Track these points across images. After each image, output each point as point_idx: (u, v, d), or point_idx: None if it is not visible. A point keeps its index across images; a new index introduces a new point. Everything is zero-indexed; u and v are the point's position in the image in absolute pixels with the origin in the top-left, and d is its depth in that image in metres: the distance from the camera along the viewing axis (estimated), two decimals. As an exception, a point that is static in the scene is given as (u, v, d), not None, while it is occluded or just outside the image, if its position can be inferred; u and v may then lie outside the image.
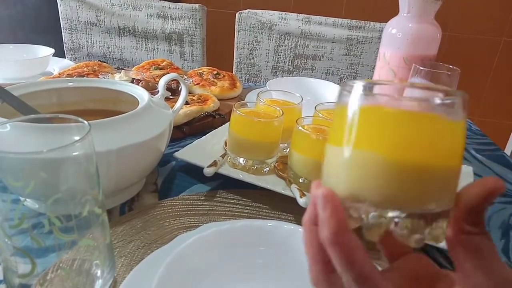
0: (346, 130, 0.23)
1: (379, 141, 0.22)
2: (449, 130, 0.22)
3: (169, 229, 0.49)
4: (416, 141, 0.21)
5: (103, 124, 0.45)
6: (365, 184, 0.22)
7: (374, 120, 0.22)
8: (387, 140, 0.22)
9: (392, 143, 0.22)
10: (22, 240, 0.32)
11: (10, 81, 0.88)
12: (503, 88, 2.07)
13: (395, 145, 0.21)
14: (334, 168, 0.23)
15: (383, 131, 0.22)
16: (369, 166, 0.22)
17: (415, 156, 0.21)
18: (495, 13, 1.93)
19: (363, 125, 0.22)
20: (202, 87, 0.93)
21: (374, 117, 0.22)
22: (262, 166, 0.60)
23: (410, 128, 0.22)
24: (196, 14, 1.32)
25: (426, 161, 0.21)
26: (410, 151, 0.21)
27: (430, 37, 0.75)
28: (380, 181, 0.21)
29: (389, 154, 0.21)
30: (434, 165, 0.22)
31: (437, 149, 0.22)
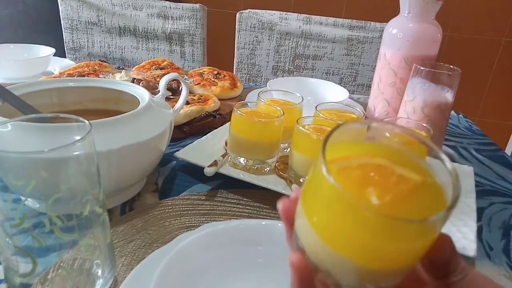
0: (310, 202, 0.21)
1: (334, 237, 0.20)
2: (415, 240, 0.20)
3: (169, 229, 0.49)
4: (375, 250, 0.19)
5: (104, 123, 0.45)
6: (326, 264, 0.21)
7: (332, 210, 0.20)
8: (341, 237, 0.20)
9: (349, 243, 0.20)
10: (23, 239, 0.32)
11: (11, 80, 0.88)
12: (503, 88, 2.07)
13: (350, 246, 0.20)
14: (302, 233, 0.22)
15: (338, 227, 0.20)
16: (325, 253, 0.21)
17: (369, 261, 0.20)
18: (495, 13, 1.93)
19: (322, 210, 0.20)
20: (203, 87, 0.93)
21: (332, 206, 0.20)
22: (263, 166, 0.60)
23: (367, 231, 0.19)
24: (197, 14, 1.32)
25: (382, 266, 0.20)
26: (364, 255, 0.20)
27: (430, 37, 0.75)
28: (346, 273, 0.21)
29: (343, 252, 0.20)
30: (391, 269, 0.21)
31: (400, 260, 0.20)
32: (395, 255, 0.20)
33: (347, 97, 0.87)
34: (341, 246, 0.20)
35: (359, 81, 1.32)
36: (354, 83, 1.33)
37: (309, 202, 0.22)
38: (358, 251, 0.20)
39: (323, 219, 0.21)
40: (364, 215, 0.18)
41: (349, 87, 1.32)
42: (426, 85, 0.66)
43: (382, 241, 0.19)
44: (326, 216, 0.20)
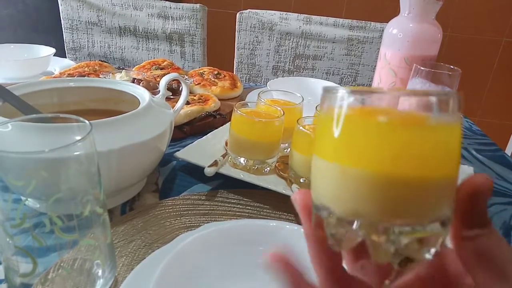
0: (331, 143, 0.21)
1: (369, 157, 0.20)
2: (444, 136, 0.20)
3: (170, 229, 0.49)
4: (409, 153, 0.19)
5: (104, 123, 0.45)
6: (361, 202, 0.20)
7: (361, 133, 0.20)
8: (377, 155, 0.20)
9: (382, 158, 0.19)
10: (24, 239, 0.32)
11: (11, 80, 0.88)
12: (504, 88, 2.07)
13: (387, 160, 0.19)
14: (327, 183, 0.21)
15: (370, 145, 0.20)
16: (361, 184, 0.20)
17: (412, 169, 0.19)
18: (495, 13, 1.93)
19: (349, 138, 0.20)
20: (203, 87, 0.93)
21: (360, 129, 0.20)
22: (263, 166, 0.60)
23: (400, 140, 0.19)
24: (197, 14, 1.32)
25: (423, 173, 0.19)
26: (404, 164, 0.19)
27: (431, 38, 0.75)
28: (378, 197, 0.19)
29: (381, 170, 0.19)
30: (432, 176, 0.20)
31: (433, 159, 0.20)
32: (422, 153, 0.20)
33: (347, 97, 0.86)
34: (369, 161, 0.20)
35: (359, 81, 1.32)
36: (354, 83, 1.33)
37: (327, 145, 0.21)
38: (387, 159, 0.19)
39: (345, 145, 0.20)
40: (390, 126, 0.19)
41: (349, 87, 1.32)
42: (426, 85, 0.66)
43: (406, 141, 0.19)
44: (350, 140, 0.20)
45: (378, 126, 0.20)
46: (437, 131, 0.20)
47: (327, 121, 0.21)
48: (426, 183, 0.20)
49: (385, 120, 0.20)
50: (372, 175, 0.19)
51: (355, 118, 0.20)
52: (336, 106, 0.21)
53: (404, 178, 0.19)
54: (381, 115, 0.20)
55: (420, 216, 0.20)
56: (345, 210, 0.20)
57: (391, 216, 0.19)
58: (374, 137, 0.20)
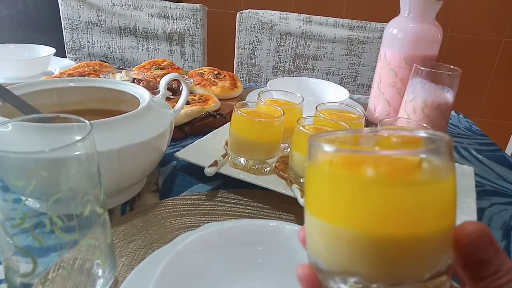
0: (316, 199, 0.20)
1: (354, 215, 0.18)
2: (437, 189, 0.19)
3: (170, 229, 0.49)
4: (399, 211, 0.18)
5: (105, 123, 0.45)
6: (354, 261, 0.19)
7: (345, 190, 0.19)
8: (363, 213, 0.18)
9: (369, 216, 0.18)
10: (24, 239, 0.32)
11: (11, 80, 0.88)
12: (504, 88, 2.07)
13: (374, 219, 0.18)
14: (318, 240, 0.20)
15: (355, 203, 0.18)
16: (350, 243, 0.18)
17: (403, 227, 0.18)
18: (495, 13, 1.93)
19: (333, 195, 0.19)
20: (203, 87, 0.93)
21: (344, 186, 0.19)
22: (263, 166, 0.60)
23: (388, 197, 0.18)
24: (197, 14, 1.32)
25: (416, 230, 0.18)
26: (394, 223, 0.18)
27: (431, 38, 0.75)
28: (369, 258, 0.18)
29: (369, 229, 0.18)
30: (425, 234, 0.18)
31: (427, 214, 0.18)
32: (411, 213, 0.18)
33: (347, 97, 0.87)
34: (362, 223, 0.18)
35: (359, 81, 1.32)
36: (354, 83, 1.33)
37: (314, 201, 0.20)
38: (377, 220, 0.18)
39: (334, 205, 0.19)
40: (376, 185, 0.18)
41: (349, 87, 1.32)
42: (426, 85, 0.66)
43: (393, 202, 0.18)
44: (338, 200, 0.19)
45: (363, 184, 0.18)
46: (429, 185, 0.19)
47: (312, 174, 0.20)
48: (420, 240, 0.18)
49: (370, 177, 0.18)
50: (360, 235, 0.18)
51: (338, 173, 0.19)
52: (318, 160, 0.19)
53: (396, 237, 0.18)
54: (367, 170, 0.18)
55: (418, 273, 0.18)
56: (337, 267, 0.19)
57: (385, 275, 0.18)
58: (359, 195, 0.18)
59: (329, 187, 0.19)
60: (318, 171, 0.20)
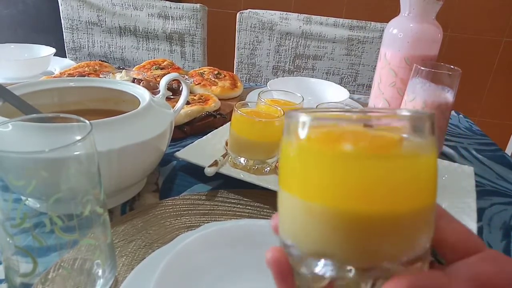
0: (292, 173, 0.19)
1: (331, 191, 0.17)
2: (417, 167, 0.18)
3: (170, 229, 0.49)
4: (378, 187, 0.17)
5: (105, 123, 0.45)
6: (326, 242, 0.17)
7: (322, 164, 0.17)
8: (341, 189, 0.17)
9: (346, 192, 0.17)
10: (24, 239, 0.32)
11: (11, 80, 0.88)
12: (504, 88, 2.07)
13: (352, 195, 0.17)
14: (290, 219, 0.19)
15: (332, 178, 0.17)
16: (325, 221, 0.17)
17: (382, 205, 0.17)
18: (496, 13, 1.93)
19: (309, 169, 0.18)
20: (203, 87, 0.93)
21: (321, 160, 0.18)
22: (263, 166, 0.60)
23: (367, 172, 0.17)
24: (197, 14, 1.32)
25: (392, 209, 0.17)
26: (373, 200, 0.17)
27: (431, 38, 0.75)
28: (343, 237, 0.17)
29: (346, 206, 0.17)
30: (403, 211, 0.17)
31: (403, 193, 0.17)
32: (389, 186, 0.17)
33: (348, 97, 0.87)
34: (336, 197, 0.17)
35: (359, 81, 1.32)
36: (354, 83, 1.33)
37: (289, 176, 0.19)
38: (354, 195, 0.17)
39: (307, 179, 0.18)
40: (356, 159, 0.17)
41: (349, 87, 1.32)
42: (426, 85, 0.66)
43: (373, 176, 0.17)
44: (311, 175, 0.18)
45: (341, 156, 0.17)
46: (408, 159, 0.18)
47: (287, 149, 0.19)
48: (398, 219, 0.17)
49: (348, 150, 0.17)
50: (335, 211, 0.17)
51: (314, 146, 0.18)
52: (294, 132, 0.18)
53: (373, 214, 0.17)
54: (344, 144, 0.17)
55: (394, 256, 0.17)
56: (309, 249, 0.18)
57: (360, 257, 0.17)
58: (336, 169, 0.17)
59: (303, 160, 0.18)
60: (292, 144, 0.19)
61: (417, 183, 0.18)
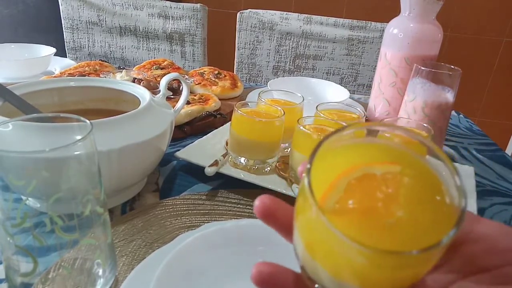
0: (299, 227, 0.20)
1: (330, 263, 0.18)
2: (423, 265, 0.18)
3: (170, 229, 0.49)
4: (372, 277, 0.18)
5: (105, 123, 0.45)
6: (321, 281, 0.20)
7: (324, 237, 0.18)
8: (339, 267, 0.18)
9: (343, 271, 0.18)
10: (24, 239, 0.32)
11: (11, 80, 0.88)
12: (504, 88, 2.07)
13: (346, 273, 0.18)
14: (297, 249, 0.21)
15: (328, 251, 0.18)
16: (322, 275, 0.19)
17: None
18: (496, 13, 1.93)
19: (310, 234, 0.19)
20: (203, 86, 0.93)
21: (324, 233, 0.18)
22: (263, 166, 0.60)
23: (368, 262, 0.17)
24: (197, 14, 1.32)
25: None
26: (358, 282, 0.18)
27: (431, 38, 0.75)
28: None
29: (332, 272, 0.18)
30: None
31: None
32: (393, 282, 0.18)
33: (348, 97, 0.87)
34: (338, 273, 0.19)
35: (359, 81, 1.32)
36: (354, 83, 1.33)
37: (301, 226, 0.20)
38: (357, 282, 0.18)
39: (315, 246, 0.19)
40: (356, 251, 0.17)
41: (350, 87, 1.32)
42: (426, 85, 0.66)
43: (380, 273, 0.17)
44: (318, 244, 0.19)
45: (347, 243, 0.17)
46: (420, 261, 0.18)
47: (300, 204, 0.20)
48: None
49: (357, 240, 0.16)
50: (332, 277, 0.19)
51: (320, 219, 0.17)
52: (306, 197, 0.18)
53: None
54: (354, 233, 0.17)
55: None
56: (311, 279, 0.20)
57: None
58: (340, 250, 0.17)
59: (321, 235, 0.18)
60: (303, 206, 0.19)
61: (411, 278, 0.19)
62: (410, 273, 0.18)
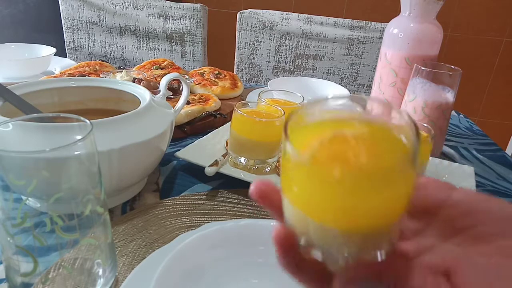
0: (285, 180, 0.22)
1: (315, 207, 0.20)
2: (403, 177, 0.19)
3: (170, 229, 0.49)
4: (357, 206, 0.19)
5: (105, 123, 0.45)
6: (314, 238, 0.21)
7: (306, 180, 0.20)
8: (321, 207, 0.20)
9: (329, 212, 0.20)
10: (24, 239, 0.32)
11: (11, 80, 0.88)
12: (504, 88, 2.07)
13: (339, 216, 0.19)
14: (287, 214, 0.23)
15: (314, 194, 0.20)
16: (313, 229, 0.21)
17: (362, 223, 0.20)
18: (496, 13, 1.93)
19: (295, 181, 0.21)
20: (203, 86, 0.93)
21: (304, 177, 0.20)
22: (263, 166, 0.60)
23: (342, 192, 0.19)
24: (198, 13, 1.32)
25: (363, 224, 0.20)
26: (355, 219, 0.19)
27: (431, 37, 0.75)
28: (327, 240, 0.21)
29: (327, 223, 0.20)
30: (375, 225, 0.20)
31: (389, 207, 0.20)
32: (371, 208, 0.19)
33: (348, 97, 0.86)
34: (321, 214, 0.20)
35: (359, 81, 1.32)
36: (354, 83, 1.33)
37: (286, 184, 0.22)
38: (337, 215, 0.20)
39: (297, 191, 0.21)
40: (332, 177, 0.18)
41: (350, 87, 1.32)
42: (427, 85, 0.66)
43: (355, 197, 0.19)
44: (299, 187, 0.21)
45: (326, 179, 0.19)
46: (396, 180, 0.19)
47: (284, 159, 0.22)
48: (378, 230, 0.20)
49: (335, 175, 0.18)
50: (327, 227, 0.20)
51: (303, 164, 0.20)
52: (293, 157, 0.20)
53: (351, 229, 0.20)
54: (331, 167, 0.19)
55: (366, 250, 0.21)
56: (302, 238, 0.22)
57: (341, 250, 0.21)
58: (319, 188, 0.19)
59: (300, 180, 0.20)
60: (287, 157, 0.21)
61: (394, 201, 0.20)
62: (386, 197, 0.19)
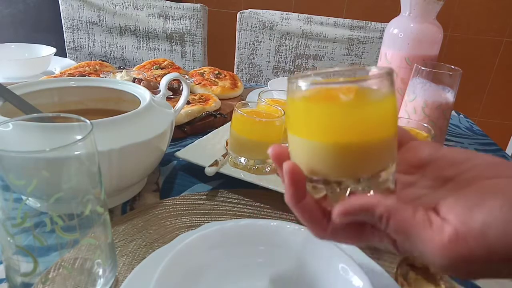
0: (293, 121, 0.26)
1: (319, 132, 0.25)
2: (379, 108, 0.25)
3: (170, 229, 0.49)
4: (352, 126, 0.24)
5: (105, 123, 0.45)
6: (318, 165, 0.25)
7: (312, 113, 0.25)
8: (325, 130, 0.25)
9: (330, 132, 0.25)
10: (24, 239, 0.32)
11: (11, 80, 0.88)
12: (504, 88, 2.07)
13: (333, 134, 0.25)
14: (294, 150, 0.27)
15: (319, 122, 0.25)
16: (317, 152, 0.25)
17: (355, 139, 0.24)
18: (496, 13, 1.93)
19: (303, 117, 0.26)
20: (204, 86, 0.93)
21: (312, 110, 0.25)
22: (263, 166, 0.60)
23: (343, 116, 0.24)
24: (198, 13, 1.32)
25: (364, 140, 0.24)
26: (349, 136, 0.24)
27: (431, 38, 0.75)
28: (329, 162, 0.25)
29: (329, 141, 0.25)
30: (372, 142, 0.25)
31: (372, 128, 0.25)
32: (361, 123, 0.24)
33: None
34: (322, 135, 0.25)
35: (359, 81, 1.32)
36: (354, 83, 1.33)
37: (294, 123, 0.27)
38: (335, 132, 0.25)
39: (302, 122, 0.26)
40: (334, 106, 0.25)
41: (350, 87, 1.32)
42: (427, 85, 0.66)
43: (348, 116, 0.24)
44: (303, 118, 0.26)
45: (328, 107, 0.25)
46: (373, 105, 0.25)
47: (291, 103, 0.27)
48: (369, 148, 0.25)
49: (333, 102, 0.25)
50: (327, 145, 0.25)
51: (304, 102, 0.26)
52: (295, 93, 0.26)
53: (349, 147, 0.24)
54: (330, 99, 0.25)
55: (370, 171, 0.25)
56: (307, 170, 0.26)
57: (341, 175, 0.25)
58: (323, 116, 0.25)
59: (303, 112, 0.26)
60: (295, 101, 0.26)
61: (381, 121, 0.25)
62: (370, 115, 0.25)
